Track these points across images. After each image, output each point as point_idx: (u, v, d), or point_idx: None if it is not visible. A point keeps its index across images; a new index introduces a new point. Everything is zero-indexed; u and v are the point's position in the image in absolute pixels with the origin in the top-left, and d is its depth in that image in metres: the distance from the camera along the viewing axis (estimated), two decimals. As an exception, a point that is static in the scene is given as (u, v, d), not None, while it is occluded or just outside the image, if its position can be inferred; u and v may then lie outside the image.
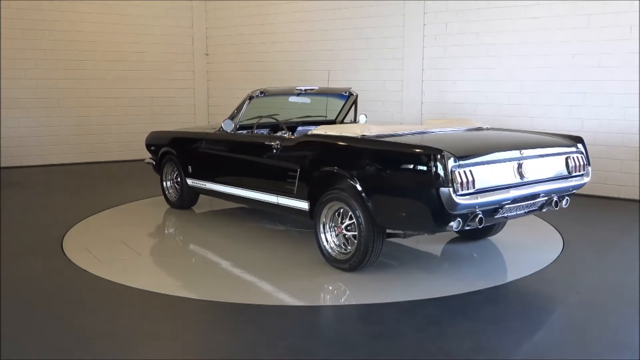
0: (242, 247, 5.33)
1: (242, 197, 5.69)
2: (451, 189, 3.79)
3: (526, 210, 4.41)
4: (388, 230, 4.38)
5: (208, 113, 11.47)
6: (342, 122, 6.61)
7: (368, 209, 4.24)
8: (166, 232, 6.09)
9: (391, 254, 5.04)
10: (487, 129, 5.15)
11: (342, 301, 3.99)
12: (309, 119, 6.39)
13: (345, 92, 6.48)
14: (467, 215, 3.96)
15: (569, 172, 4.60)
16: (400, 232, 4.45)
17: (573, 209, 6.75)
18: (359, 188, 4.28)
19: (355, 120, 6.46)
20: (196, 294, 4.14)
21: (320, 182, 4.66)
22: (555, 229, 5.82)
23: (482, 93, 8.28)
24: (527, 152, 4.31)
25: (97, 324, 3.63)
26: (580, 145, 4.77)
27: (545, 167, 4.45)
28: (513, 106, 8.03)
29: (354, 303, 3.95)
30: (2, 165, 9.69)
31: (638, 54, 7.04)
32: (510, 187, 4.16)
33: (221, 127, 5.73)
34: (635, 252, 5.10)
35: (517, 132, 5.20)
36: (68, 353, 3.25)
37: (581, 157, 4.72)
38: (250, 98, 5.72)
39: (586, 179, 4.74)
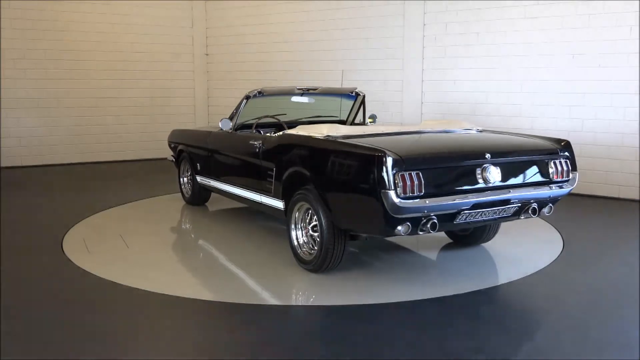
0: (241, 245, 5.33)
1: (236, 195, 5.81)
2: (393, 192, 3.68)
3: (495, 217, 4.18)
4: (351, 233, 4.30)
5: (208, 113, 11.47)
6: (352, 122, 6.57)
7: (327, 210, 4.22)
8: (168, 229, 6.07)
9: (389, 255, 5.05)
10: (479, 130, 4.98)
11: (342, 301, 3.99)
12: (318, 119, 6.35)
13: (352, 93, 6.42)
14: (420, 219, 3.84)
15: (550, 178, 4.33)
16: (358, 234, 4.32)
17: (573, 209, 6.78)
18: (318, 188, 4.27)
19: (364, 121, 6.44)
20: (196, 294, 4.13)
21: (291, 182, 4.67)
22: (555, 229, 5.82)
23: (482, 93, 8.29)
24: (495, 156, 4.07)
25: (97, 324, 3.64)
26: (565, 150, 4.47)
27: (519, 172, 4.22)
28: (513, 106, 8.03)
29: (354, 303, 3.94)
30: (2, 165, 9.69)
31: (638, 54, 7.04)
32: (471, 191, 3.95)
33: (219, 126, 5.81)
34: (635, 252, 5.10)
35: (504, 134, 4.97)
36: (68, 353, 3.25)
37: (565, 162, 4.41)
38: (247, 98, 5.80)
39: (571, 186, 4.42)
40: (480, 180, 4.00)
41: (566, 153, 4.46)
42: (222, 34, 11.16)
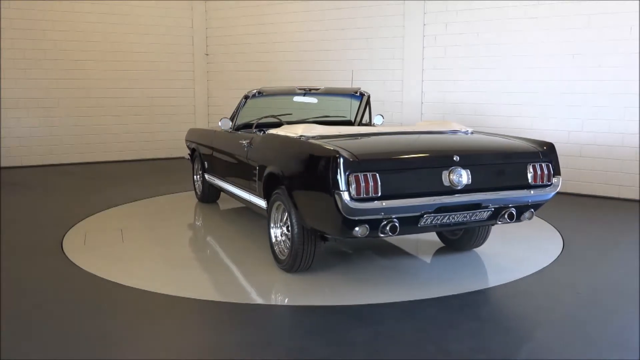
0: (245, 244, 5.33)
1: (233, 193, 5.89)
2: (347, 193, 3.64)
3: (465, 220, 4.09)
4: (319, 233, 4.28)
5: (208, 113, 11.47)
6: (360, 122, 6.51)
7: (295, 210, 4.22)
8: (175, 226, 6.07)
9: (387, 257, 5.05)
10: (469, 132, 4.84)
11: (342, 301, 3.99)
12: (326, 119, 6.31)
13: (356, 93, 6.37)
14: (380, 221, 3.78)
15: (528, 182, 4.18)
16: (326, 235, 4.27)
17: (573, 209, 6.78)
18: (287, 188, 4.29)
19: (370, 121, 6.40)
20: (196, 294, 4.13)
21: (269, 181, 4.68)
22: (555, 229, 5.82)
23: (482, 93, 8.29)
24: (465, 159, 3.96)
25: (96, 324, 3.64)
26: (547, 153, 4.28)
27: (493, 175, 4.12)
28: (513, 106, 8.03)
29: (353, 303, 3.94)
30: (2, 165, 9.69)
31: (638, 54, 7.04)
32: (436, 194, 3.86)
33: (219, 125, 5.88)
34: (635, 252, 5.10)
35: (492, 136, 4.83)
36: (68, 353, 3.25)
37: (547, 166, 4.24)
38: (246, 98, 5.84)
39: (553, 191, 4.25)
40: (447, 183, 3.90)
41: (548, 157, 4.28)
42: (222, 34, 11.16)
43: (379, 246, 5.26)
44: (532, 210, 4.29)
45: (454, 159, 3.95)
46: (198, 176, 7.14)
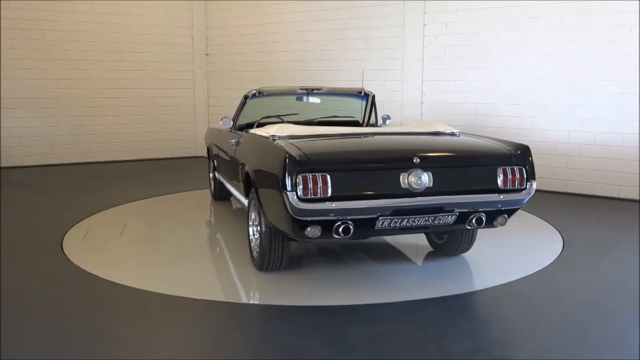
0: (245, 243, 5.34)
1: (230, 192, 6.00)
2: (294, 193, 3.63)
3: (427, 224, 3.96)
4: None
5: (208, 113, 11.47)
6: (367, 123, 6.44)
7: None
8: (179, 224, 6.08)
9: (388, 253, 5.05)
10: (456, 134, 4.64)
11: (342, 301, 3.99)
12: (334, 119, 6.27)
13: (361, 93, 6.31)
14: (333, 223, 3.72)
15: (499, 186, 4.02)
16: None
17: (573, 209, 6.78)
18: (254, 187, 4.31)
19: (376, 122, 6.36)
20: (197, 294, 4.13)
21: (248, 180, 4.68)
22: (555, 229, 5.82)
23: (482, 93, 8.28)
24: (426, 161, 3.88)
25: (96, 324, 3.64)
26: (521, 157, 4.10)
27: (457, 178, 4.00)
28: (513, 106, 8.03)
29: (353, 303, 3.94)
30: (2, 165, 9.69)
31: (638, 54, 7.04)
32: (393, 196, 3.78)
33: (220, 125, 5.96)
34: (635, 252, 5.10)
35: (474, 137, 4.64)
36: (68, 353, 3.25)
37: (519, 170, 4.06)
38: (246, 98, 5.85)
39: (527, 196, 4.09)
40: (405, 185, 3.83)
41: (522, 160, 4.10)
42: (222, 34, 11.16)
43: (377, 248, 5.26)
44: (505, 215, 4.14)
45: (414, 160, 3.88)
46: (211, 174, 7.25)
